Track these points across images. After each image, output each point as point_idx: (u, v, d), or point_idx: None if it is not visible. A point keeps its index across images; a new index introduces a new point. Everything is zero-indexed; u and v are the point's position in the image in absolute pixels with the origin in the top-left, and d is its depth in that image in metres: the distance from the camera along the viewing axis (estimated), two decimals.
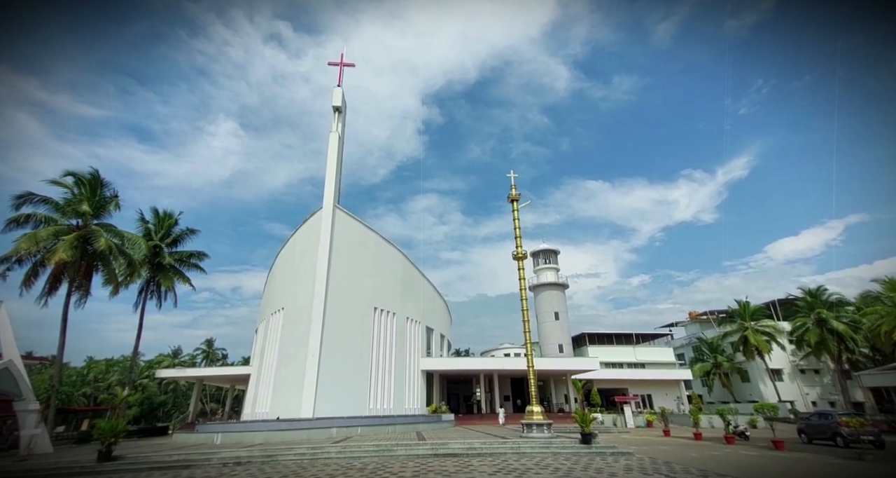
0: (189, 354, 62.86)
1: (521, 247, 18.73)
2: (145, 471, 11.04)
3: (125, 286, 27.82)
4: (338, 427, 17.45)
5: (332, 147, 29.02)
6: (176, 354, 63.20)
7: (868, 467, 10.98)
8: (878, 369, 30.74)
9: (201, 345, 62.73)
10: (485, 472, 9.95)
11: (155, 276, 29.84)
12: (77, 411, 31.34)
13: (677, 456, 13.00)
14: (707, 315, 51.28)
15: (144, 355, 64.08)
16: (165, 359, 59.92)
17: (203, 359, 60.91)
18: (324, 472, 10.21)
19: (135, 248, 26.68)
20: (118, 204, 26.25)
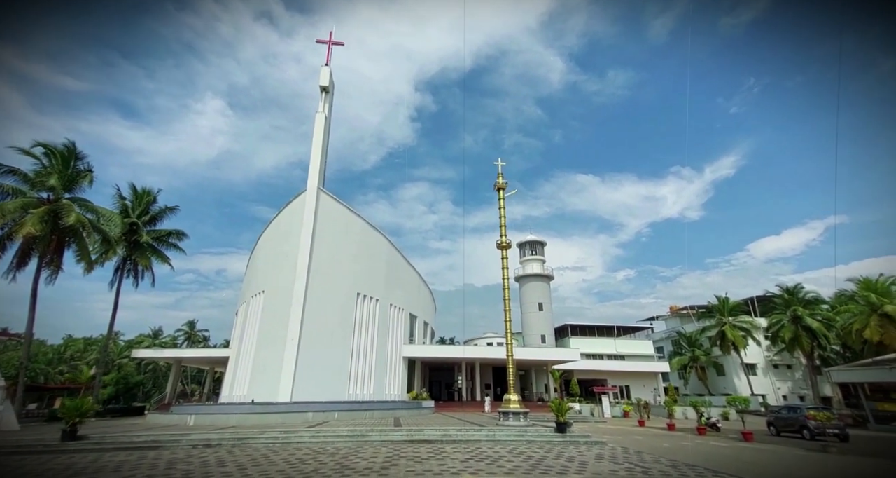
0: (170, 335, 62.00)
1: (505, 236, 18.59)
2: (111, 451, 10.76)
3: (100, 264, 27.08)
4: (314, 411, 17.31)
5: (318, 128, 28.27)
6: (156, 334, 62.28)
7: (831, 459, 11.26)
8: (847, 365, 31.70)
9: (183, 326, 61.95)
10: (457, 458, 9.91)
11: (132, 254, 29.08)
12: (50, 388, 30.69)
13: (649, 446, 13.18)
14: (687, 310, 52.25)
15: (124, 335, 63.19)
16: (146, 339, 59.02)
17: (185, 340, 60.17)
18: (294, 456, 10.05)
19: (110, 224, 25.87)
20: (92, 179, 25.29)
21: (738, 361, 41.94)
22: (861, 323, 27.38)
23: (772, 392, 42.83)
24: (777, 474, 8.72)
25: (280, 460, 9.45)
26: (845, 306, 30.80)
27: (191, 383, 58.17)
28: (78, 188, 25.17)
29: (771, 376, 43.89)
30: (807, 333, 34.66)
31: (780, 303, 37.43)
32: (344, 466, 8.84)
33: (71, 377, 30.97)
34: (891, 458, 11.86)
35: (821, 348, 35.76)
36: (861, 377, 28.27)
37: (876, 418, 28.12)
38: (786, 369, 44.23)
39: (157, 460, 9.46)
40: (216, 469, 8.42)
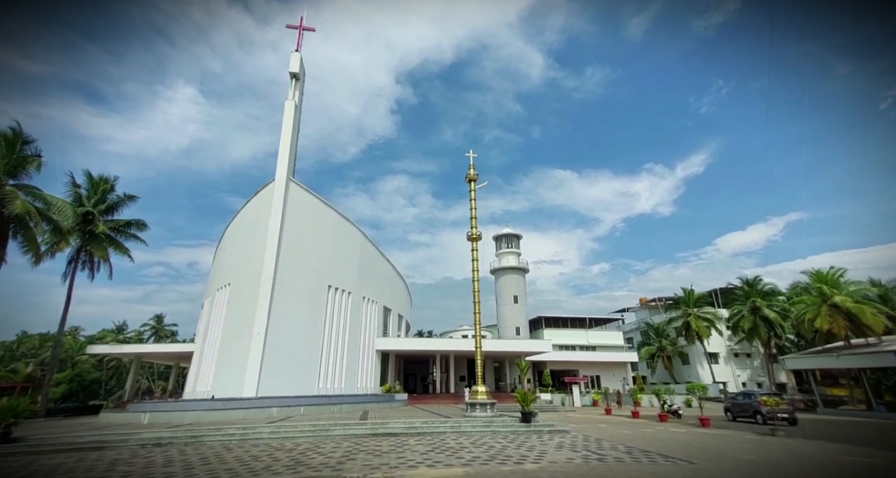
0: (136, 330, 59.52)
1: (476, 228, 18.49)
2: (48, 453, 10.12)
3: (51, 256, 25.55)
4: (279, 407, 16.88)
5: (287, 116, 27.33)
6: (121, 329, 59.66)
7: (777, 442, 11.76)
8: (800, 353, 33.47)
9: (150, 321, 59.59)
10: (418, 451, 9.81)
11: (87, 245, 27.54)
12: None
13: (611, 434, 13.45)
14: (656, 302, 53.89)
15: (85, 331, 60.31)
16: (109, 335, 56.52)
17: (151, 335, 57.95)
18: (248, 453, 9.72)
19: (61, 214, 24.39)
20: (40, 165, 23.71)
21: (701, 350, 43.66)
22: (812, 313, 28.81)
23: (732, 380, 44.85)
24: (724, 456, 9.00)
25: (232, 458, 9.11)
26: (799, 298, 32.33)
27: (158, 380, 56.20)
28: (24, 175, 23.57)
29: (732, 365, 45.92)
30: (764, 323, 36.32)
31: (741, 295, 39.03)
32: (298, 462, 8.59)
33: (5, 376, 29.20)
34: (829, 440, 12.50)
35: (777, 338, 37.57)
36: (812, 364, 29.84)
37: (825, 402, 29.85)
38: (745, 358, 46.35)
39: (97, 462, 8.95)
40: (160, 470, 8.02)
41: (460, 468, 7.79)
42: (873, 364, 26.07)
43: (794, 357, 32.32)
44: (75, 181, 28.00)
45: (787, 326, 36.53)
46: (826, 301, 28.63)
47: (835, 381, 35.58)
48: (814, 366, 30.03)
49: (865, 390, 26.70)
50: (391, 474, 7.33)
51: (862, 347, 27.36)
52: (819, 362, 29.43)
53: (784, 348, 39.38)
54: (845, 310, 27.59)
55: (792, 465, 8.36)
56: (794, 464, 8.46)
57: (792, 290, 34.62)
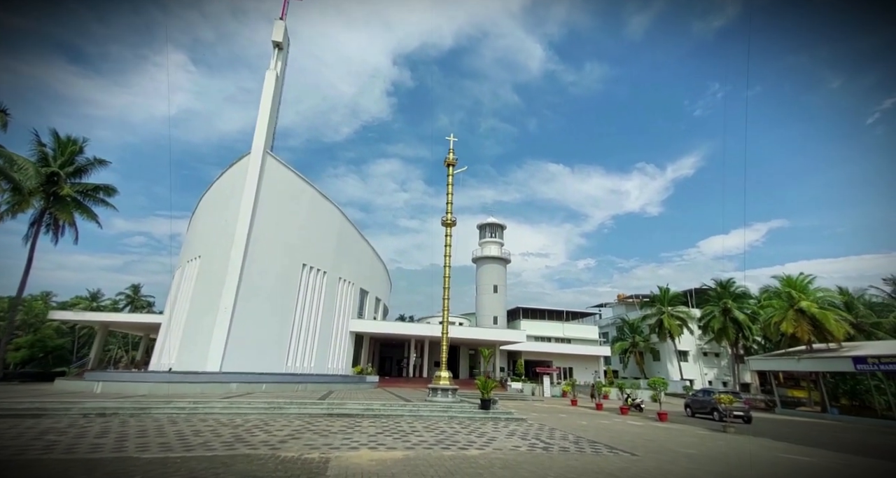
0: (110, 298, 58.22)
1: (451, 213, 18.21)
2: None
3: (12, 216, 24.55)
4: (239, 382, 16.63)
5: (267, 86, 26.35)
6: (94, 297, 58.21)
7: (726, 438, 11.99)
8: (764, 355, 34.43)
9: (126, 290, 58.35)
10: (367, 433, 9.68)
11: (51, 207, 26.46)
12: None
13: (568, 424, 13.56)
14: (633, 298, 54.71)
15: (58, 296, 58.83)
16: (82, 301, 55.18)
17: (126, 305, 56.80)
18: (192, 428, 9.47)
19: (22, 172, 23.32)
20: (6, 122, 22.48)
21: (672, 348, 44.62)
22: (779, 316, 29.51)
23: (699, 378, 46.08)
24: (667, 449, 9.09)
25: (173, 432, 8.83)
26: (769, 301, 33.07)
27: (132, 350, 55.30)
28: None
29: (700, 363, 47.12)
30: (734, 324, 37.18)
31: (714, 296, 39.81)
32: (239, 438, 8.37)
33: None
34: (776, 438, 12.81)
35: (745, 339, 38.55)
36: (774, 366, 30.72)
37: (784, 403, 30.86)
38: (713, 357, 47.58)
39: (29, 430, 8.59)
40: (90, 440, 7.71)
41: (402, 452, 7.67)
42: (831, 368, 26.95)
43: (758, 359, 33.25)
44: (40, 140, 26.72)
45: (756, 328, 37.49)
46: (793, 306, 29.32)
47: (796, 383, 36.84)
48: (776, 368, 30.94)
49: (822, 392, 27.64)
50: (328, 455, 7.16)
51: (822, 352, 28.20)
52: (781, 364, 30.31)
53: (751, 350, 40.49)
54: (810, 315, 28.29)
55: (729, 460, 8.46)
56: (731, 459, 8.57)
57: (763, 293, 35.35)
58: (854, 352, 25.46)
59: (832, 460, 9.38)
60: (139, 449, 7.06)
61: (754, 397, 36.18)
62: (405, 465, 6.58)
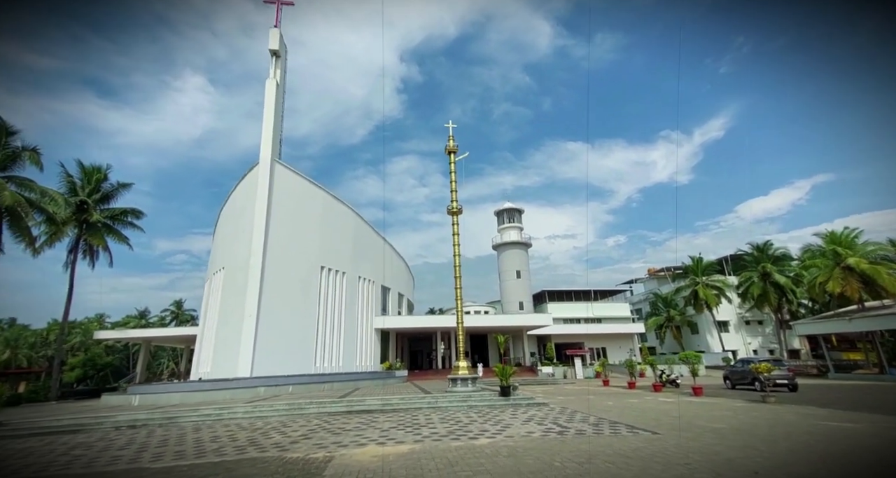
0: (157, 315, 61.65)
1: (455, 201, 17.87)
2: (23, 437, 10.31)
3: (50, 245, 26.04)
4: (266, 386, 17.06)
5: (269, 96, 26.63)
6: (143, 315, 61.82)
7: (764, 409, 11.25)
8: (811, 318, 32.46)
9: (170, 306, 61.56)
10: (380, 428, 9.65)
11: (84, 234, 27.90)
12: (15, 372, 30.27)
13: (593, 406, 13.13)
14: (664, 271, 52.80)
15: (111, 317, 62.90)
16: (132, 320, 58.78)
17: (172, 320, 59.91)
18: (213, 434, 9.72)
19: (53, 204, 24.63)
20: (37, 159, 23.77)
21: (710, 319, 42.81)
22: (825, 276, 27.64)
23: (743, 348, 44.07)
24: (693, 425, 8.57)
25: (192, 439, 9.07)
26: (812, 261, 31.04)
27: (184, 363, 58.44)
28: (16, 167, 23.74)
29: (742, 332, 45.03)
30: (775, 288, 35.18)
31: (751, 260, 37.75)
32: (253, 442, 8.49)
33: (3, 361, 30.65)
34: (822, 405, 11.92)
35: (788, 303, 36.44)
36: (823, 329, 28.91)
37: (838, 367, 29.08)
38: (757, 325, 45.35)
39: (62, 445, 9.03)
40: (112, 452, 8.01)
41: (409, 446, 7.54)
42: (887, 326, 25.07)
43: (804, 323, 31.37)
44: (67, 171, 28.13)
45: (801, 291, 35.33)
46: (839, 263, 27.36)
47: (852, 345, 34.67)
48: (825, 331, 29.11)
49: (878, 353, 25.82)
50: (333, 454, 7.12)
51: (877, 310, 26.26)
52: (830, 326, 28.47)
53: (797, 314, 38.30)
54: (860, 272, 26.33)
55: (759, 431, 7.86)
56: (762, 431, 7.97)
57: (804, 253, 33.15)
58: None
59: (881, 424, 8.60)
60: (153, 459, 7.25)
61: (804, 363, 34.23)
62: (407, 459, 6.44)
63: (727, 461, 5.75)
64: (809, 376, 29.57)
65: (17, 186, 23.41)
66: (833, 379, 25.93)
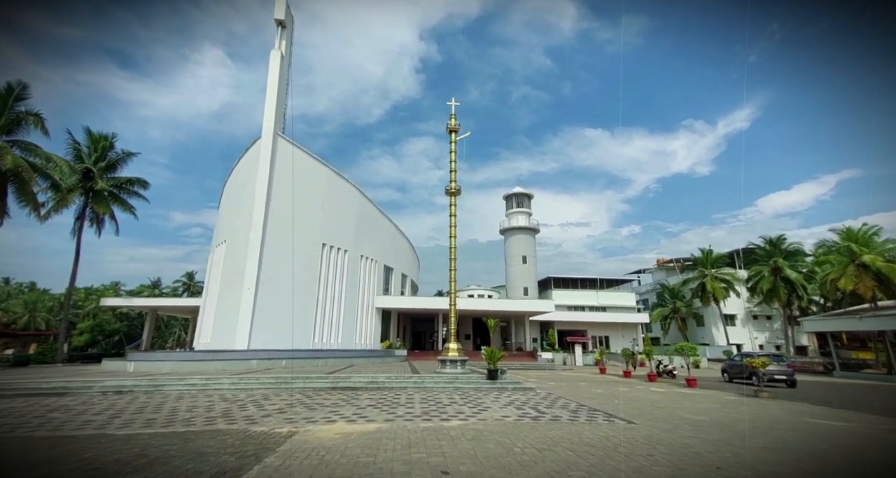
0: (169, 286, 63.29)
1: (454, 182, 17.43)
2: (10, 398, 10.55)
3: (57, 211, 26.44)
4: (259, 359, 17.26)
5: (273, 67, 26.17)
6: (156, 285, 63.54)
7: (754, 403, 10.90)
8: (820, 315, 31.61)
9: (182, 278, 63.06)
10: (359, 405, 9.61)
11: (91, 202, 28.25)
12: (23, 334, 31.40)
13: (580, 393, 12.95)
14: (673, 263, 51.84)
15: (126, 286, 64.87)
16: (145, 289, 60.62)
17: (184, 291, 61.46)
18: (193, 404, 9.81)
19: (58, 171, 24.87)
20: (42, 124, 23.87)
21: (717, 312, 42.10)
22: (837, 273, 26.70)
23: (749, 342, 43.39)
24: (674, 417, 8.29)
25: (169, 408, 9.14)
26: (826, 257, 29.98)
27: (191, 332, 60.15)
28: (21, 131, 23.92)
29: (749, 327, 44.27)
30: (785, 284, 34.24)
31: (762, 254, 36.70)
32: (226, 413, 8.50)
33: None
34: (817, 402, 11.51)
35: (799, 299, 35.51)
36: (831, 327, 28.12)
37: (846, 365, 28.37)
38: (765, 320, 44.50)
39: (42, 407, 9.20)
40: (88, 416, 8.09)
41: (379, 424, 7.44)
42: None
43: (813, 319, 30.55)
44: (74, 138, 28.26)
45: (812, 287, 34.35)
46: (854, 261, 26.35)
47: (863, 344, 33.68)
48: (833, 328, 28.30)
49: (888, 353, 25.05)
50: (298, 429, 7.05)
51: (889, 310, 25.33)
52: (839, 324, 27.65)
53: (808, 311, 37.37)
54: (875, 270, 25.35)
55: (739, 427, 7.55)
56: (744, 425, 7.65)
57: (818, 248, 32.02)
58: None
59: (872, 425, 8.21)
60: (122, 426, 7.27)
61: (811, 360, 33.54)
62: (369, 438, 6.32)
63: (694, 455, 5.48)
64: (815, 373, 28.96)
65: (21, 151, 23.62)
66: (838, 377, 25.32)
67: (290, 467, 4.77)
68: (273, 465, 4.82)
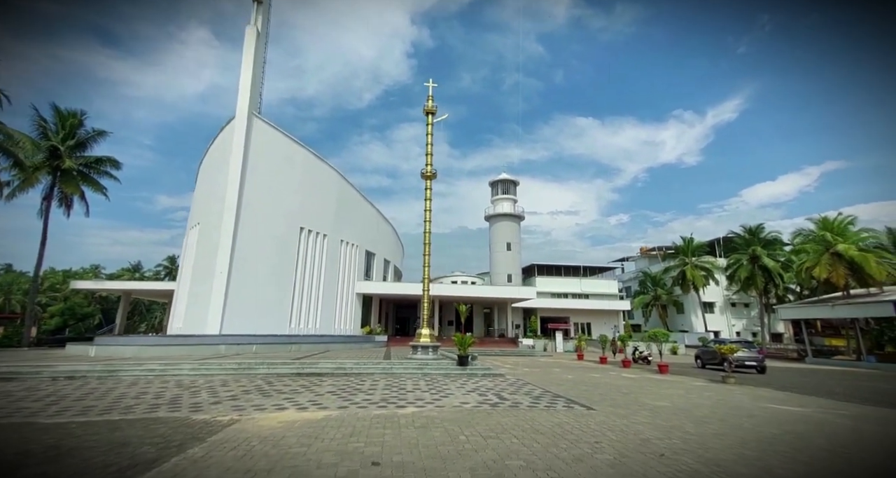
0: (151, 269, 62.00)
1: (430, 165, 16.98)
2: None
3: (23, 191, 25.34)
4: (228, 344, 16.86)
5: (248, 44, 25.02)
6: (136, 269, 62.25)
7: (719, 389, 10.92)
8: (795, 303, 32.25)
9: (163, 261, 61.76)
10: (317, 392, 9.34)
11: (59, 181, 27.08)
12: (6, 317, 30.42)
13: (551, 379, 12.88)
14: (656, 251, 52.33)
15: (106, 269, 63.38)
16: (126, 273, 59.31)
17: (166, 275, 60.29)
18: (145, 390, 9.43)
19: (20, 148, 23.69)
20: None
21: (696, 299, 42.76)
22: (812, 262, 27.08)
23: (727, 329, 44.31)
24: (636, 402, 8.19)
25: (117, 394, 8.74)
26: (802, 246, 30.40)
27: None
28: None
29: (727, 314, 45.15)
30: (763, 272, 34.77)
31: (742, 243, 37.14)
32: (174, 400, 8.14)
33: None
34: (782, 388, 11.60)
35: (775, 287, 36.15)
36: (805, 314, 28.70)
37: (819, 352, 29.11)
38: (742, 308, 45.40)
39: None
40: (26, 404, 7.65)
41: (328, 412, 7.17)
42: (868, 314, 24.82)
43: (788, 307, 31.18)
44: (40, 115, 26.90)
45: (789, 276, 34.96)
46: (829, 249, 26.74)
47: (836, 331, 34.63)
48: (806, 316, 28.92)
49: (858, 340, 25.69)
50: (242, 417, 6.74)
51: (861, 298, 25.89)
52: (812, 311, 28.26)
53: (783, 299, 38.14)
54: (848, 258, 25.75)
55: (700, 412, 7.46)
56: (703, 411, 7.57)
57: (795, 237, 32.45)
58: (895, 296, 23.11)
59: (830, 410, 8.23)
60: (56, 413, 6.87)
61: (785, 347, 34.37)
62: (312, 427, 6.04)
63: (642, 442, 5.32)
64: (788, 359, 29.65)
65: None
66: (810, 364, 25.93)
67: (211, 458, 4.46)
68: (193, 457, 4.50)
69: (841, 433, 6.24)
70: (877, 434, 6.22)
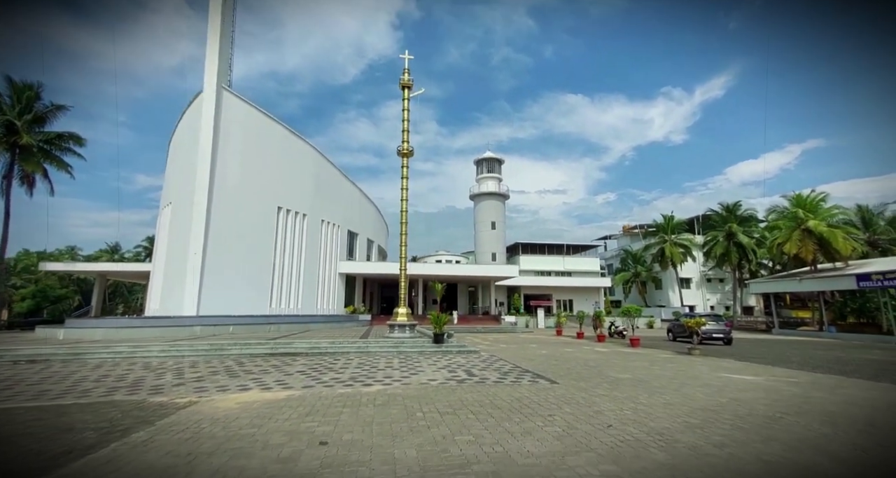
0: (130, 250, 60.45)
1: (407, 142, 16.59)
2: None
3: None
4: (203, 325, 16.66)
5: (213, 11, 23.67)
6: (115, 249, 60.56)
7: (682, 360, 11.29)
8: (765, 278, 33.32)
9: (143, 242, 60.21)
10: (285, 372, 9.30)
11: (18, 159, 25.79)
12: None
13: (524, 354, 13.09)
14: (637, 229, 53.08)
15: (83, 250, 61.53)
16: (104, 254, 57.70)
17: (146, 256, 58.95)
18: (108, 372, 9.25)
19: None
20: None
21: (674, 276, 43.84)
22: (784, 237, 27.84)
23: (702, 304, 45.75)
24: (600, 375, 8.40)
25: (77, 378, 8.55)
26: (776, 222, 31.14)
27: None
28: None
29: (703, 289, 46.52)
30: (737, 248, 35.66)
31: (719, 220, 37.87)
32: (135, 383, 8.00)
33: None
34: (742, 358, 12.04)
35: (749, 263, 37.21)
36: (774, 288, 29.69)
37: (787, 324, 30.38)
38: (718, 283, 46.78)
39: None
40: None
41: (291, 392, 7.14)
42: (833, 287, 25.81)
43: (758, 282, 32.20)
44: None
45: (762, 252, 35.96)
46: (800, 225, 27.48)
47: (804, 304, 36.10)
48: (775, 289, 29.93)
49: (821, 312, 26.82)
50: (201, 399, 6.66)
51: (827, 272, 26.85)
52: (782, 285, 29.24)
53: (756, 274, 39.34)
54: (818, 234, 26.53)
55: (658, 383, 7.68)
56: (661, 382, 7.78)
57: (769, 214, 33.22)
58: (858, 269, 24.03)
59: (782, 378, 8.57)
60: (6, 398, 6.68)
61: (755, 320, 35.76)
62: (269, 407, 6.00)
63: (594, 414, 5.44)
64: (757, 331, 30.88)
65: None
66: (777, 335, 27.01)
67: (153, 442, 4.38)
68: (134, 441, 4.41)
69: (785, 400, 6.49)
70: (820, 400, 6.49)
